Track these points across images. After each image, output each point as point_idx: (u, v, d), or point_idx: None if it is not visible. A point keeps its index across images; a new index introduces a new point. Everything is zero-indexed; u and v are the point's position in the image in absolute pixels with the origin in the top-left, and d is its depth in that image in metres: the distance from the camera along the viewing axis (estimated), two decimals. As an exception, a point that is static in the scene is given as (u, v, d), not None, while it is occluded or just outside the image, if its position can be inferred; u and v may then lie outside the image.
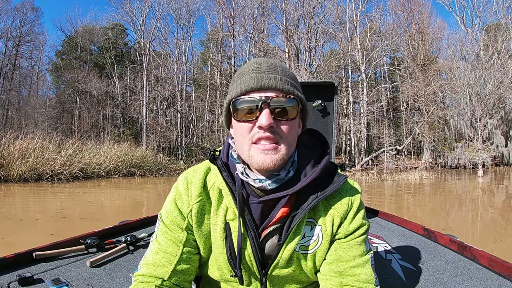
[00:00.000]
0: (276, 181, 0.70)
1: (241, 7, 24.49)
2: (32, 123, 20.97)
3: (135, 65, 26.75)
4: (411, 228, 2.01)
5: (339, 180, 0.74)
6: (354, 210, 0.76)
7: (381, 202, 7.42)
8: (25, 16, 24.29)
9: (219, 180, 0.74)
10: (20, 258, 1.34)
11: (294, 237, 0.73)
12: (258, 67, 0.68)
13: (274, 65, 0.70)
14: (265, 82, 0.66)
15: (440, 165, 20.18)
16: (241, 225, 0.72)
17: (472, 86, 18.82)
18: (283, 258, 0.74)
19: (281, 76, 0.68)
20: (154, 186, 11.64)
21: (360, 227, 0.75)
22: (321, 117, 1.73)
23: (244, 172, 0.72)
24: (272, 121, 0.65)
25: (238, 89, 0.68)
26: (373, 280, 0.73)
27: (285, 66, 0.73)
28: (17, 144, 11.78)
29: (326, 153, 0.78)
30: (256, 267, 0.76)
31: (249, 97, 0.67)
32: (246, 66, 0.71)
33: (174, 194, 0.79)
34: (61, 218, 5.36)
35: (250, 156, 0.68)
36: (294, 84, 0.71)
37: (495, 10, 22.11)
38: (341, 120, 22.51)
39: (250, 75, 0.68)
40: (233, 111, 0.70)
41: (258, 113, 0.66)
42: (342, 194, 0.76)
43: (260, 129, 0.66)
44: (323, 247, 0.75)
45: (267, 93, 0.66)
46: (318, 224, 0.75)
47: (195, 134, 24.90)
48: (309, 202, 0.72)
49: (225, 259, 0.76)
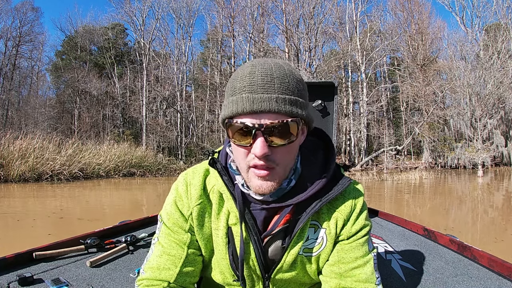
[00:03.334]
0: (278, 192, 0.68)
1: (241, 7, 24.57)
2: (32, 123, 20.97)
3: (135, 65, 26.79)
4: (411, 228, 2.01)
5: (343, 183, 0.72)
6: (357, 211, 0.74)
7: (381, 202, 7.42)
8: (25, 16, 24.36)
9: (220, 184, 0.72)
10: (20, 258, 1.33)
11: (298, 241, 0.72)
12: (251, 83, 0.59)
13: (271, 78, 0.59)
14: (258, 105, 0.58)
15: (440, 165, 20.20)
16: (243, 230, 0.71)
17: (472, 86, 18.84)
18: (287, 262, 0.73)
19: (277, 95, 0.59)
20: (154, 186, 11.64)
21: (362, 228, 0.74)
22: (321, 117, 1.73)
23: (244, 185, 0.70)
24: (267, 150, 0.60)
25: (229, 109, 0.61)
26: (373, 279, 0.72)
27: (285, 72, 0.62)
28: (17, 144, 11.77)
29: (332, 158, 0.75)
30: (259, 271, 0.75)
31: (241, 121, 0.60)
32: (239, 75, 0.62)
33: (174, 195, 0.77)
34: (59, 218, 5.35)
35: (248, 178, 0.66)
36: (294, 99, 0.61)
37: (495, 10, 22.13)
38: (341, 120, 22.52)
39: (241, 94, 0.60)
40: (227, 131, 0.65)
41: (251, 140, 0.61)
42: (346, 196, 0.75)
43: (255, 155, 0.62)
44: (327, 249, 0.74)
45: (262, 118, 0.59)
46: (322, 227, 0.73)
47: (195, 134, 24.91)
48: (313, 206, 0.70)
49: (227, 264, 0.75)
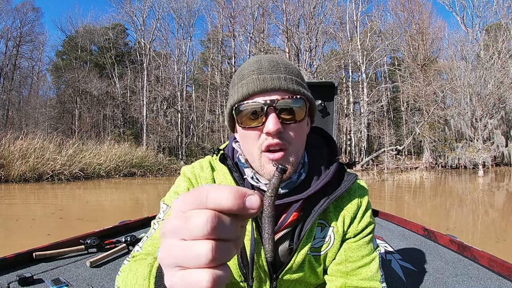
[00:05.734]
0: (288, 185, 0.68)
1: (241, 7, 24.58)
2: (33, 123, 21.00)
3: (136, 65, 26.81)
4: (411, 228, 2.01)
5: (349, 179, 0.71)
6: (363, 209, 0.74)
7: (382, 202, 7.40)
8: (26, 16, 24.42)
9: (228, 181, 0.71)
10: (20, 258, 1.33)
11: (307, 241, 0.71)
12: (259, 67, 0.63)
13: (276, 62, 0.65)
14: (269, 83, 0.61)
15: (440, 165, 20.19)
16: (254, 229, 0.69)
17: (473, 86, 18.82)
18: (296, 262, 0.72)
19: (285, 75, 0.63)
20: (154, 186, 11.63)
21: (368, 226, 0.74)
22: (321, 117, 1.72)
23: (254, 177, 0.69)
24: (280, 125, 0.61)
25: (239, 93, 0.64)
26: (378, 277, 0.71)
27: (288, 61, 0.68)
28: (17, 144, 11.78)
29: (336, 153, 0.75)
30: (268, 272, 0.73)
31: (252, 101, 0.62)
32: (246, 65, 0.66)
33: (187, 184, 0.74)
34: (59, 218, 5.35)
35: (261, 166, 0.65)
36: (300, 81, 0.66)
37: (496, 10, 22.11)
38: (341, 120, 22.51)
39: (251, 76, 0.63)
40: (237, 117, 0.65)
41: (264, 118, 0.61)
42: (351, 194, 0.74)
43: (268, 135, 0.62)
44: (334, 248, 0.73)
45: (272, 95, 0.62)
46: (330, 226, 0.73)
47: (196, 134, 24.92)
48: (321, 205, 0.69)
49: (235, 264, 0.72)
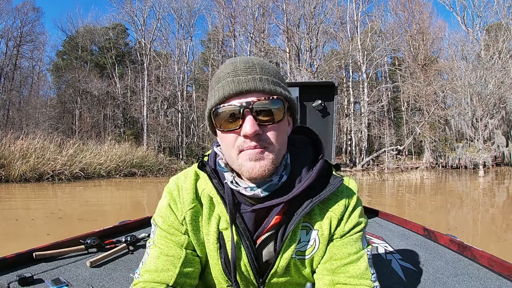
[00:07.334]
0: (269, 187, 0.66)
1: (241, 7, 24.55)
2: (33, 123, 20.98)
3: (136, 65, 26.82)
4: (411, 228, 2.01)
5: (334, 183, 0.69)
6: (350, 210, 0.72)
7: (382, 202, 7.40)
8: (26, 16, 24.38)
9: (209, 188, 0.71)
10: (20, 258, 1.33)
11: (291, 244, 0.70)
12: (235, 69, 0.63)
13: (252, 63, 0.64)
14: (244, 85, 0.61)
15: (441, 165, 20.16)
16: (234, 233, 0.69)
17: (473, 86, 18.78)
18: (280, 266, 0.71)
19: (260, 76, 0.62)
20: (154, 186, 11.64)
21: (356, 226, 0.72)
22: (321, 117, 1.73)
23: (233, 181, 0.68)
24: (257, 127, 0.60)
25: (216, 96, 0.63)
26: (368, 276, 0.69)
27: (265, 61, 0.67)
28: (18, 144, 11.78)
29: (320, 153, 0.73)
30: (252, 276, 0.73)
31: (228, 104, 0.62)
32: (222, 69, 0.65)
33: (168, 199, 0.75)
34: (59, 218, 5.35)
35: (240, 164, 0.64)
36: (277, 81, 0.65)
37: (496, 10, 22.09)
38: (342, 120, 22.52)
39: (226, 79, 0.62)
40: (214, 120, 0.65)
41: (241, 121, 0.61)
42: (338, 195, 0.73)
43: (245, 138, 0.61)
44: (320, 252, 0.72)
45: (248, 97, 0.61)
46: (314, 229, 0.71)
47: (196, 134, 24.92)
48: (304, 208, 0.68)
49: (220, 270, 0.72)
